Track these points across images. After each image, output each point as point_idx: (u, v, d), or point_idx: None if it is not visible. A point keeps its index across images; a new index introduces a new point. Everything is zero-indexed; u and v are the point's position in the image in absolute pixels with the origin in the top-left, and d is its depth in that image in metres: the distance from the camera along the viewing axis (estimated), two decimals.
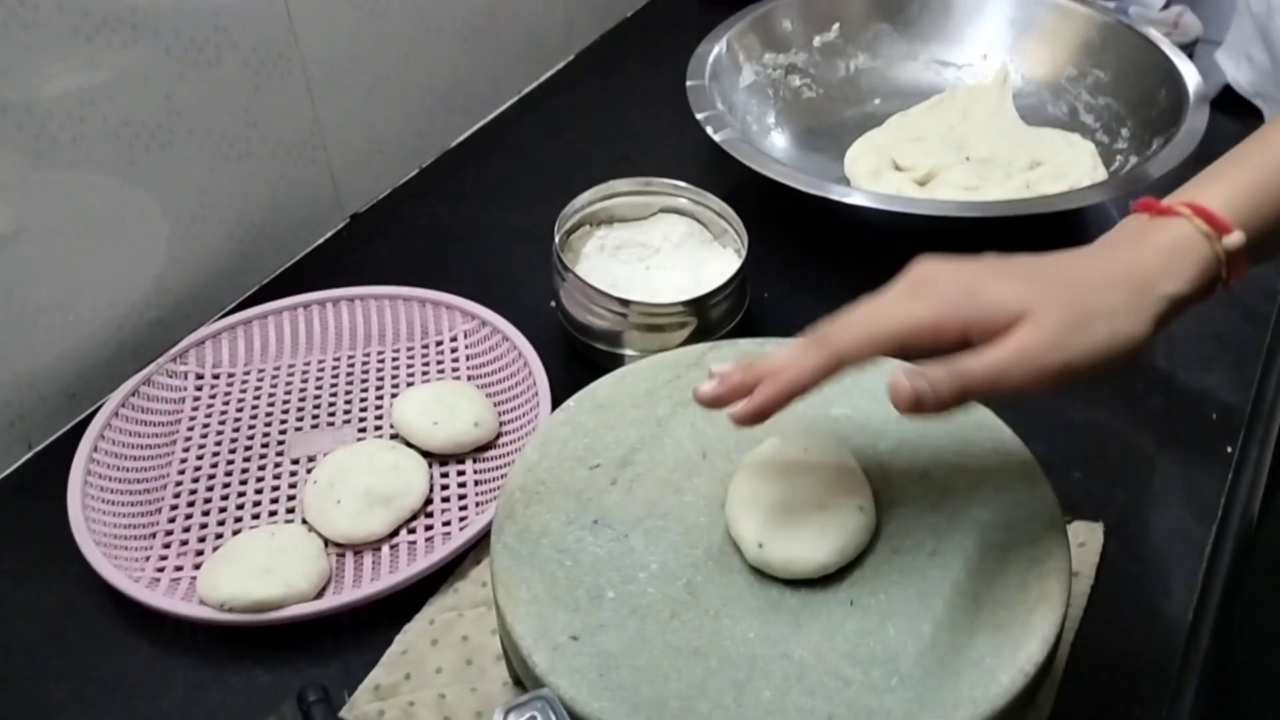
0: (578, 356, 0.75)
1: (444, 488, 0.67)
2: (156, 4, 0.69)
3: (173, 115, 0.73)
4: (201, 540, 0.64)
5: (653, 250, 0.78)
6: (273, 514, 0.66)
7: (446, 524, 0.64)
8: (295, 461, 0.69)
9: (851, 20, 0.99)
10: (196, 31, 0.73)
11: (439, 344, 0.77)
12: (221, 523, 0.65)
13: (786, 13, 0.97)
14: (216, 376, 0.74)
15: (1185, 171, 0.86)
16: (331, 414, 0.72)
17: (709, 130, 0.83)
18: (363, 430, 0.71)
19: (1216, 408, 0.70)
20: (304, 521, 0.64)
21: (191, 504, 0.66)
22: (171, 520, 0.65)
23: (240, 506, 0.66)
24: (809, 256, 0.83)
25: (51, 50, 0.65)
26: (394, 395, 0.73)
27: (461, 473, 0.68)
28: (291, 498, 0.66)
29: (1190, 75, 0.84)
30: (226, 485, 0.67)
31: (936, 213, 0.76)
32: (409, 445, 0.68)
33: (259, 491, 0.67)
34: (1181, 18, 1.00)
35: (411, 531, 0.64)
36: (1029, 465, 0.52)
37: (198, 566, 0.62)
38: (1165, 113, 0.83)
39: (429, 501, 0.66)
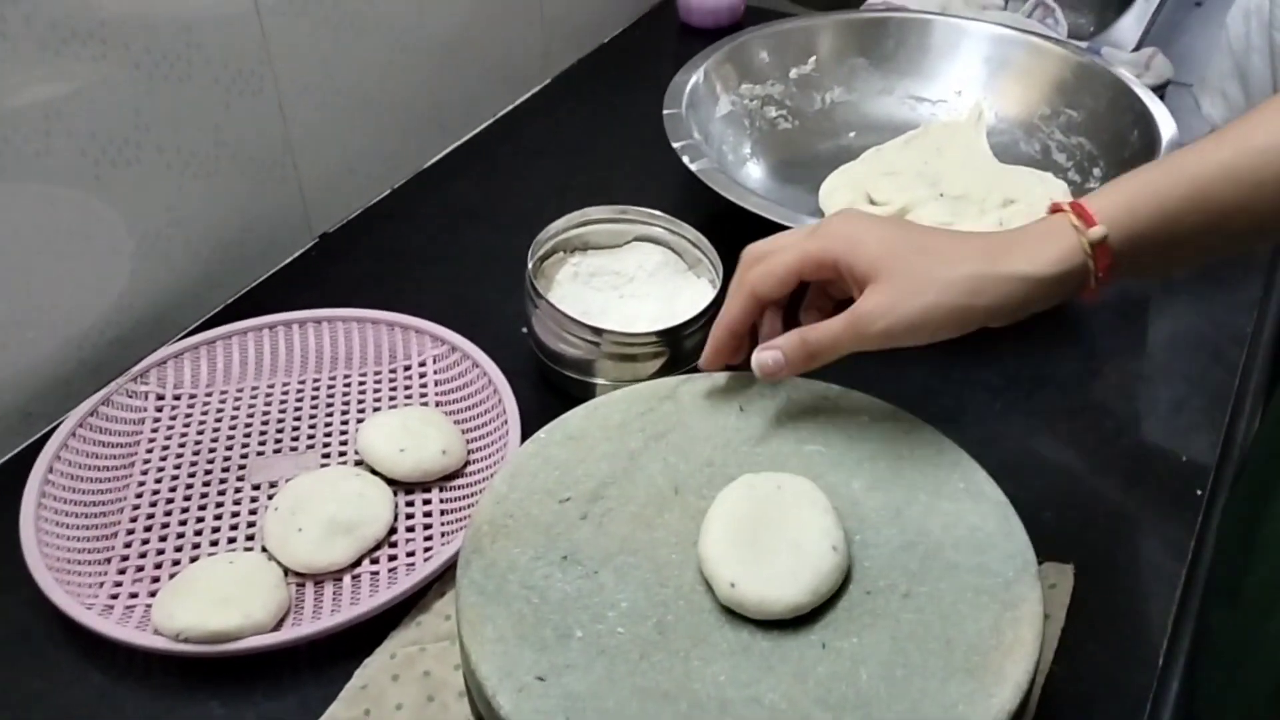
0: (549, 384, 0.74)
1: (409, 517, 0.65)
2: (127, 18, 0.68)
3: (141, 130, 0.71)
4: (158, 567, 0.62)
5: (627, 278, 0.78)
6: (232, 541, 0.64)
7: (411, 555, 0.63)
8: (256, 487, 0.67)
9: (827, 53, 0.99)
10: (168, 47, 0.71)
11: (407, 369, 0.75)
12: (179, 549, 0.63)
13: (764, 44, 0.97)
14: (178, 398, 0.73)
15: None
16: (295, 439, 0.71)
17: (685, 160, 0.82)
18: (326, 456, 0.69)
19: (1186, 449, 0.70)
20: (264, 549, 0.63)
21: (148, 529, 0.64)
22: (127, 545, 0.63)
23: (199, 533, 0.64)
24: None
25: (17, 61, 0.63)
26: (360, 421, 0.71)
27: (428, 502, 0.66)
28: (251, 524, 0.65)
29: (1162, 117, 0.85)
30: (185, 510, 0.66)
31: None
32: (374, 473, 0.67)
33: (218, 518, 0.65)
34: (1153, 60, 1.01)
35: (374, 562, 0.63)
36: (1002, 507, 0.52)
37: (153, 594, 0.60)
38: (1137, 154, 0.83)
39: (393, 531, 0.64)
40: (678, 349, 0.71)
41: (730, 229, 0.79)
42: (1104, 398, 0.75)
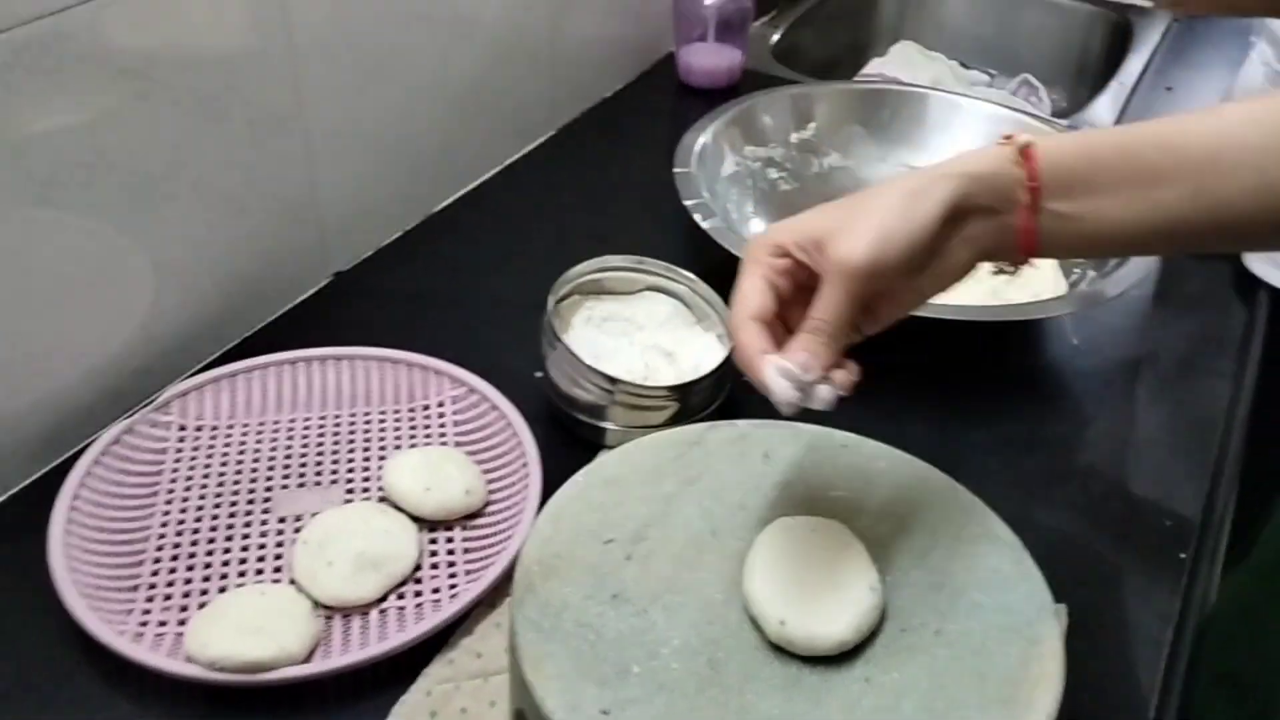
0: (561, 427, 0.76)
1: (433, 554, 0.67)
2: (172, 58, 0.70)
3: (178, 167, 0.73)
4: (186, 596, 0.63)
5: (637, 326, 0.80)
6: (259, 572, 0.65)
7: (436, 591, 0.64)
8: (282, 520, 0.68)
9: (826, 120, 1.03)
10: (208, 86, 0.73)
11: (425, 408, 0.77)
12: (207, 579, 0.64)
13: (768, 109, 1.01)
14: (199, 429, 0.74)
15: (1142, 290, 0.92)
16: (319, 474, 0.72)
17: (697, 218, 0.85)
18: (350, 492, 0.71)
19: (1170, 515, 0.73)
20: (292, 582, 0.64)
21: (175, 558, 0.65)
22: (154, 574, 0.64)
23: (225, 563, 0.65)
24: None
25: (68, 95, 0.65)
26: (382, 458, 0.73)
27: (450, 539, 0.68)
28: (278, 557, 0.66)
29: None
30: (211, 541, 0.66)
31: None
32: (397, 509, 0.68)
33: (245, 549, 0.66)
34: None
35: (401, 597, 0.64)
36: (1017, 550, 0.55)
37: (181, 622, 0.61)
38: None
39: (418, 568, 0.66)
40: (686, 402, 0.73)
41: (728, 280, 0.82)
42: (1091, 462, 0.79)
